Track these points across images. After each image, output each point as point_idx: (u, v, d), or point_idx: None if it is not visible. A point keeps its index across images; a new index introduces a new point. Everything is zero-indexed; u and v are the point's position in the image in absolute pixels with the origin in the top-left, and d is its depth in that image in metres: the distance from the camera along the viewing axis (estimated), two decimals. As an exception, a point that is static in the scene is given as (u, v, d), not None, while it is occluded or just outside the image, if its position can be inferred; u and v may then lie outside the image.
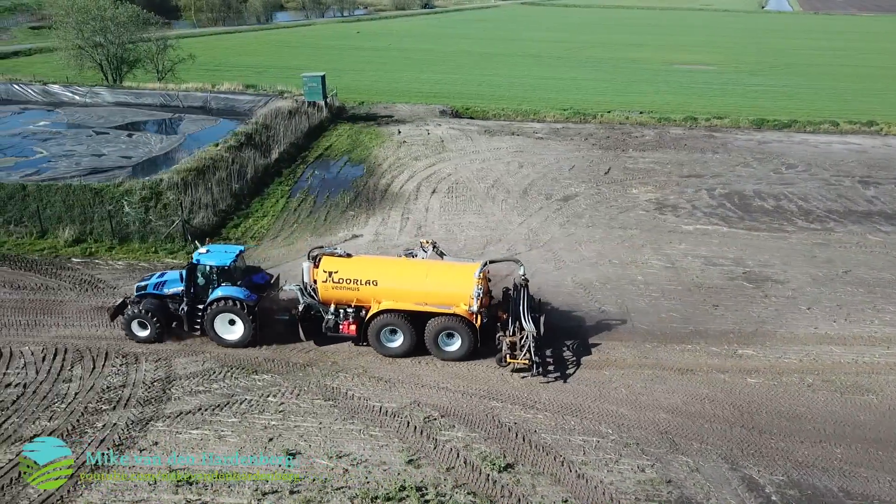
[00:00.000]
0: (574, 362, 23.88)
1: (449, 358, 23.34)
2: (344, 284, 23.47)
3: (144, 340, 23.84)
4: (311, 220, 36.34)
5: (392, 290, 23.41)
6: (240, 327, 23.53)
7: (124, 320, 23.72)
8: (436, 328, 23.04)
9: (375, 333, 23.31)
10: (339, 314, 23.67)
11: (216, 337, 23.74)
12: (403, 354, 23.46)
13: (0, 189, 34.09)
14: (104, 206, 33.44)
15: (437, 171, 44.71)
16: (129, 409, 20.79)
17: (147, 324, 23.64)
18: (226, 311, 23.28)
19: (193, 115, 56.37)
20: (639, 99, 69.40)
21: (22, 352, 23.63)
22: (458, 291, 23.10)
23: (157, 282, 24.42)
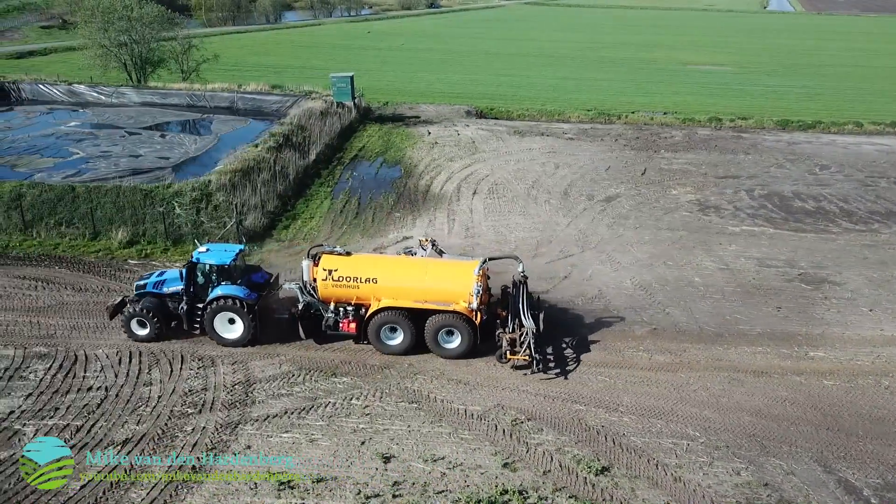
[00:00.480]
0: (647, 364, 23.85)
1: (448, 355, 23.36)
2: (344, 283, 23.54)
3: (143, 339, 23.81)
4: (359, 221, 36.26)
5: (392, 288, 23.47)
6: (239, 326, 23.50)
7: (123, 319, 23.66)
8: (435, 325, 23.06)
9: (375, 331, 23.35)
10: (338, 312, 23.65)
11: (216, 336, 23.69)
12: (403, 352, 23.50)
13: (49, 190, 33.83)
14: (155, 207, 33.21)
15: (474, 173, 44.67)
16: (215, 413, 20.70)
17: (146, 322, 23.60)
18: (225, 310, 23.27)
19: (222, 116, 56.23)
20: (660, 100, 69.47)
21: (97, 355, 23.53)
22: (458, 289, 23.20)
23: (156, 280, 24.37)
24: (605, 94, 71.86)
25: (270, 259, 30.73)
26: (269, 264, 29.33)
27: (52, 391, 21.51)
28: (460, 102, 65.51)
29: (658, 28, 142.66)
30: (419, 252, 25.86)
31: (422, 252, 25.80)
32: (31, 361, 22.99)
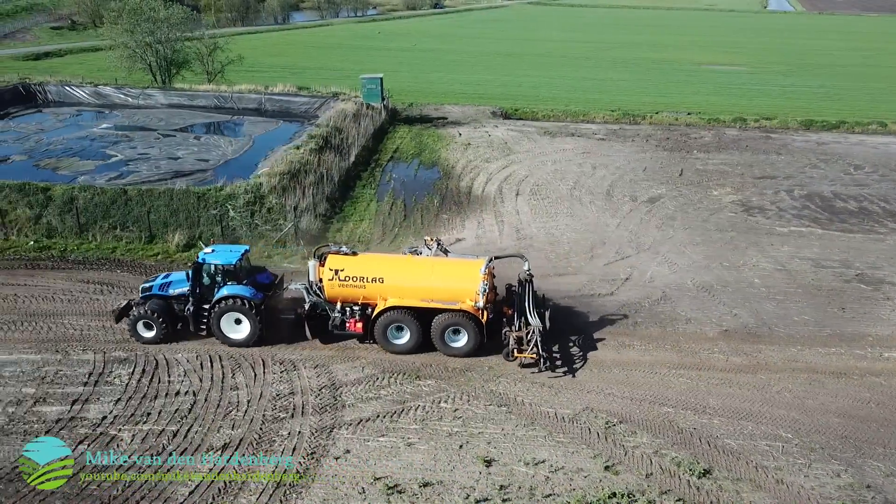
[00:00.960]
0: (725, 365, 23.96)
1: (455, 354, 23.42)
2: (350, 282, 23.61)
3: (149, 341, 23.75)
4: (409, 223, 36.27)
5: (398, 288, 23.52)
6: (246, 326, 23.50)
7: (130, 321, 23.60)
8: (442, 324, 23.13)
9: (382, 330, 23.39)
10: (345, 312, 23.68)
11: (222, 336, 23.71)
12: (409, 351, 23.56)
13: (102, 193, 33.73)
14: (208, 210, 33.13)
15: (512, 174, 44.72)
16: (307, 417, 20.70)
17: (153, 324, 23.59)
18: (232, 311, 23.29)
19: (251, 118, 56.19)
20: (681, 100, 69.65)
21: (177, 359, 23.47)
22: (464, 287, 23.28)
23: (161, 283, 24.35)
24: (625, 94, 71.94)
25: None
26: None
27: (140, 396, 21.42)
28: (482, 103, 65.63)
29: (663, 28, 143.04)
30: (424, 251, 25.97)
31: (427, 251, 25.92)
32: (112, 366, 22.86)
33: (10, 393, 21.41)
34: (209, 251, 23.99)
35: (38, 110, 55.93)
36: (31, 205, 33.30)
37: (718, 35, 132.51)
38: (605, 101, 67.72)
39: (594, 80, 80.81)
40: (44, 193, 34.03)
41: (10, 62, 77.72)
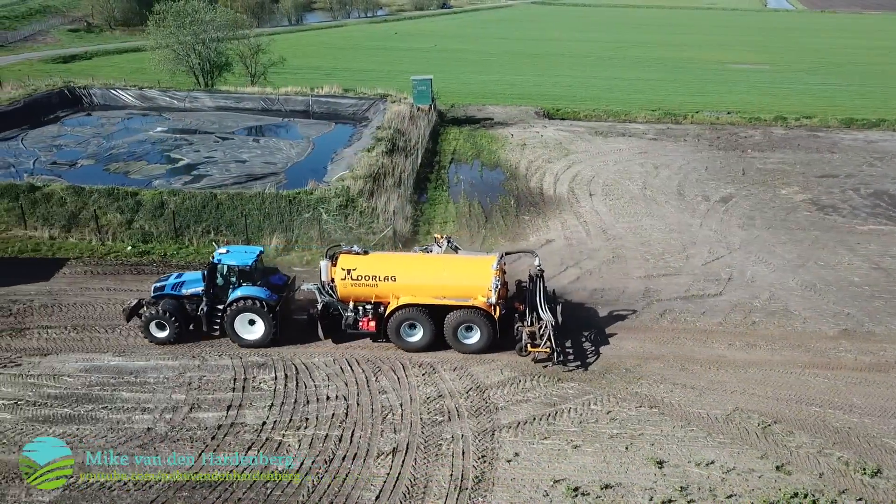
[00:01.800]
0: (854, 364, 24.20)
1: (468, 350, 23.56)
2: (363, 281, 23.68)
3: (162, 342, 23.73)
4: (492, 224, 36.40)
5: (411, 286, 23.60)
6: (260, 327, 23.57)
7: (143, 321, 23.55)
8: (455, 321, 23.25)
9: (395, 328, 23.50)
10: (357, 311, 23.77)
11: (236, 337, 23.78)
12: (423, 349, 23.70)
13: (192, 198, 33.63)
14: (301, 214, 33.10)
15: (578, 174, 44.86)
16: (465, 420, 20.76)
17: (166, 325, 23.56)
18: (247, 311, 23.31)
19: (302, 120, 56.21)
20: (717, 99, 70.01)
21: (315, 363, 23.45)
22: (476, 284, 23.44)
23: (174, 282, 24.35)
24: (659, 94, 72.33)
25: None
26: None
27: (292, 401, 21.43)
28: (522, 103, 65.88)
29: (672, 27, 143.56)
30: (435, 249, 26.18)
31: (437, 249, 26.11)
32: (253, 371, 22.81)
33: (162, 400, 21.34)
34: (224, 252, 24.08)
35: (87, 113, 55.68)
36: (121, 209, 33.14)
37: (730, 34, 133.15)
38: (642, 101, 67.98)
39: (625, 79, 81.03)
40: (133, 198, 33.79)
41: (40, 65, 77.26)
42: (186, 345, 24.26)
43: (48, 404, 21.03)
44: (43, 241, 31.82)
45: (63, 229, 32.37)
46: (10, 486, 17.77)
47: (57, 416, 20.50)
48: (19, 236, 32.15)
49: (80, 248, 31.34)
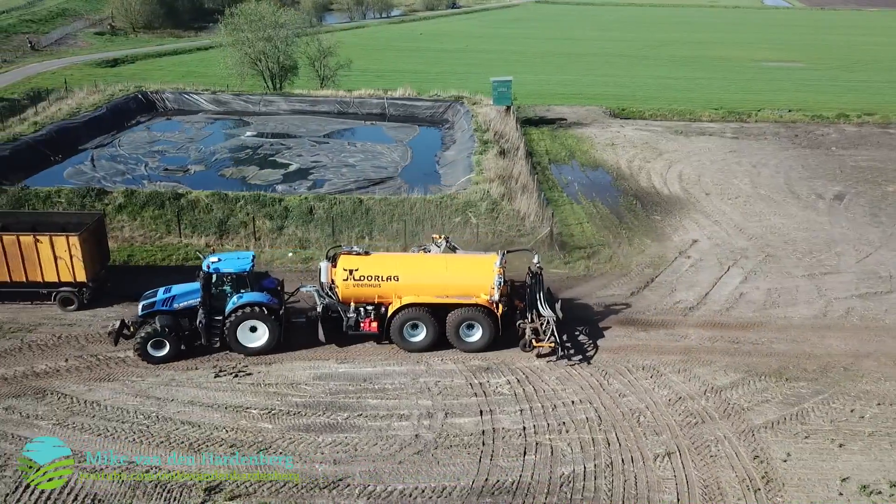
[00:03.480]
0: None
1: (470, 349, 23.76)
2: (365, 282, 23.60)
3: (161, 361, 22.69)
4: (628, 225, 36.70)
5: (413, 285, 23.63)
6: (263, 333, 23.11)
7: (138, 342, 22.34)
8: (457, 319, 23.38)
9: (398, 329, 23.43)
10: (359, 313, 23.60)
11: (239, 346, 23.17)
12: (425, 348, 23.70)
13: (339, 203, 33.62)
14: (450, 217, 33.17)
15: (682, 173, 45.27)
16: (718, 422, 21.00)
17: (165, 342, 22.53)
18: (251, 318, 22.80)
19: (383, 123, 56.36)
20: (771, 97, 70.81)
21: (538, 367, 23.51)
22: (479, 282, 23.68)
23: (164, 297, 23.26)
24: (711, 92, 73.04)
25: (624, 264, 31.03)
26: (626, 270, 29.89)
27: (539, 406, 21.53)
28: (583, 103, 66.05)
29: (685, 25, 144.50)
30: (433, 248, 26.30)
31: (436, 248, 26.23)
32: (482, 375, 22.91)
33: (412, 405, 21.38)
34: (216, 260, 23.23)
35: (167, 118, 55.27)
36: (270, 216, 33.00)
37: (746, 32, 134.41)
38: (699, 99, 68.51)
39: (671, 78, 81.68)
40: (279, 204, 33.70)
41: (89, 69, 76.64)
42: (395, 349, 23.99)
43: (301, 413, 20.99)
44: (200, 248, 31.51)
45: (216, 236, 31.95)
46: (313, 497, 17.69)
47: (317, 425, 20.47)
48: (175, 244, 31.94)
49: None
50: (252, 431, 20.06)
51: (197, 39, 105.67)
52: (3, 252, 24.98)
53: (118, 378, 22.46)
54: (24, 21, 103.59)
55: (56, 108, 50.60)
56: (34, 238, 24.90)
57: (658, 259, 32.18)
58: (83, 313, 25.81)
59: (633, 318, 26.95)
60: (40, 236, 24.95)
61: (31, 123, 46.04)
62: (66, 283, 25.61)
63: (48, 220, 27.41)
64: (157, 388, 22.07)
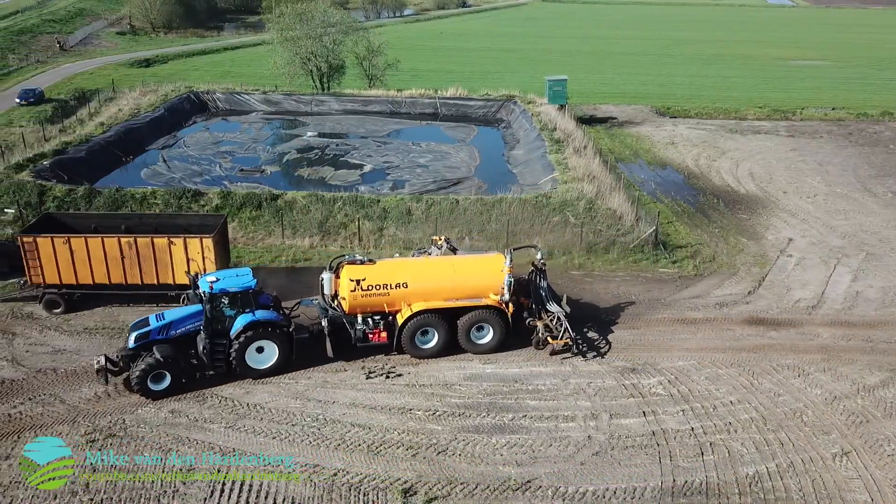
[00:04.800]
0: None
1: (481, 351, 23.38)
2: (374, 291, 22.70)
3: (162, 395, 20.67)
4: (717, 223, 36.72)
5: (423, 291, 23.00)
6: (272, 353, 21.65)
7: (137, 377, 20.31)
8: (469, 322, 22.98)
9: (410, 337, 22.75)
10: (367, 323, 22.72)
11: (247, 369, 21.55)
12: (436, 354, 23.16)
13: (436, 204, 33.52)
14: (548, 217, 33.14)
15: (752, 171, 45.40)
16: (881, 422, 20.95)
17: (166, 373, 20.54)
18: (261, 339, 21.34)
19: (437, 123, 56.16)
20: (810, 95, 71.25)
21: (684, 367, 23.54)
22: (488, 283, 23.41)
23: (159, 325, 21.12)
24: (748, 91, 73.29)
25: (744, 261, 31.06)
26: (734, 269, 30.50)
27: (699, 406, 21.52)
28: (627, 102, 66.02)
29: (697, 24, 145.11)
30: (434, 251, 25.74)
31: (436, 251, 25.65)
32: (630, 377, 22.92)
33: (572, 407, 21.39)
34: (213, 280, 21.24)
35: (223, 118, 55.00)
36: (369, 217, 32.87)
37: (759, 30, 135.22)
38: (740, 98, 68.76)
39: (703, 76, 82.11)
40: (377, 205, 33.58)
41: (125, 69, 76.48)
42: (544, 352, 23.95)
43: (465, 414, 20.94)
44: (304, 249, 31.38)
45: (319, 237, 31.83)
46: (507, 499, 17.66)
47: (486, 426, 20.42)
48: (278, 245, 31.76)
49: (345, 255, 30.65)
50: (424, 433, 19.94)
51: (222, 39, 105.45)
52: (136, 254, 24.63)
53: (271, 380, 22.22)
54: (47, 21, 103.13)
55: (116, 108, 50.32)
56: (168, 240, 24.66)
57: (760, 258, 32.17)
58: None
59: (759, 318, 26.91)
60: (174, 238, 24.72)
61: (98, 124, 45.67)
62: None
63: (171, 223, 27.17)
64: (312, 390, 21.90)
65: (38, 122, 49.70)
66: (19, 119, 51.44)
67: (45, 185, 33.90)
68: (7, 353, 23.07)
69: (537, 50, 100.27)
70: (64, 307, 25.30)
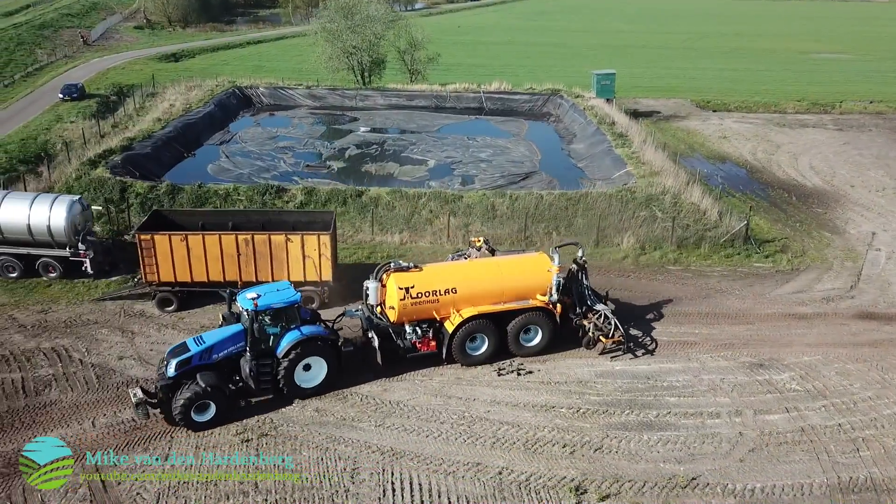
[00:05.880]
0: None
1: (529, 353, 22.77)
2: (423, 298, 21.69)
3: (206, 426, 19.02)
4: (796, 218, 36.65)
5: (471, 295, 22.12)
6: (320, 370, 20.40)
7: (180, 409, 18.56)
8: (518, 325, 22.31)
9: (461, 344, 21.82)
10: (416, 332, 21.77)
11: (297, 389, 20.24)
12: (485, 361, 22.35)
13: (519, 200, 33.35)
14: (635, 212, 33.04)
15: (813, 165, 45.46)
16: None
17: (210, 403, 18.90)
18: (311, 355, 20.03)
19: (487, 117, 55.82)
20: (842, 87, 71.00)
21: (810, 362, 23.49)
22: (534, 283, 22.80)
23: (200, 350, 19.25)
24: (783, 84, 73.30)
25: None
26: (827, 264, 30.63)
27: (839, 402, 21.49)
28: (659, 95, 65.83)
29: (708, 17, 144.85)
30: (473, 253, 24.86)
31: (475, 253, 24.78)
32: (758, 372, 22.84)
33: (712, 403, 21.39)
34: (254, 295, 19.49)
35: (270, 113, 54.63)
36: (454, 213, 32.68)
37: (772, 23, 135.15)
38: (776, 91, 68.66)
39: (732, 70, 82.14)
40: (459, 201, 33.44)
41: (154, 63, 75.90)
42: (668, 350, 23.83)
43: (609, 411, 20.83)
44: (395, 245, 31.19)
45: (409, 233, 31.66)
46: (678, 496, 17.53)
47: (634, 423, 20.33)
48: (368, 241, 31.51)
49: (436, 250, 30.58)
50: (574, 431, 19.83)
51: (242, 33, 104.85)
52: (252, 251, 24.35)
53: (405, 377, 22.08)
54: (64, 16, 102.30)
55: (167, 103, 49.89)
56: (285, 237, 24.38)
57: (849, 252, 32.20)
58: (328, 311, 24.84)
59: (869, 312, 26.95)
60: (291, 235, 24.49)
61: (155, 120, 45.22)
62: (310, 282, 25.10)
63: (278, 219, 26.93)
64: (449, 387, 21.76)
65: (85, 117, 49.14)
66: (67, 115, 50.86)
67: (126, 182, 33.47)
68: (132, 352, 22.75)
69: (556, 44, 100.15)
70: (176, 305, 24.92)
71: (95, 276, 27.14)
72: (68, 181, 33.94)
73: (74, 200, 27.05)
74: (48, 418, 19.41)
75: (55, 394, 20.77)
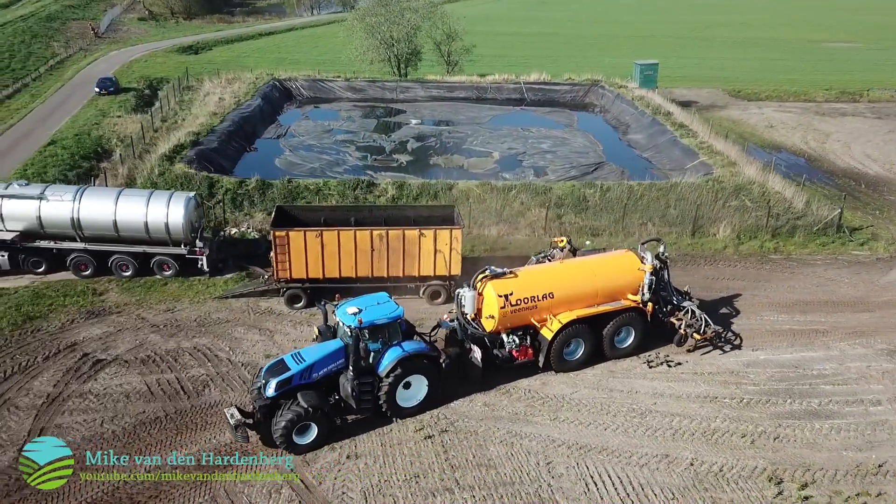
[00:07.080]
0: None
1: (622, 355, 22.46)
2: (522, 305, 21.02)
3: (307, 449, 18.05)
4: (873, 205, 37.01)
5: (566, 299, 21.59)
6: (421, 387, 19.37)
7: (282, 431, 17.62)
8: (614, 327, 21.93)
9: (559, 350, 21.27)
10: (514, 341, 21.16)
11: (397, 409, 19.19)
12: (580, 367, 21.88)
13: (609, 191, 33.47)
14: (726, 202, 33.26)
15: (865, 152, 46.37)
16: None
17: (312, 425, 17.95)
18: (414, 373, 19.08)
19: (531, 108, 55.80)
20: (864, 76, 71.73)
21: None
22: (625, 283, 22.51)
23: (300, 369, 18.19)
24: (804, 73, 73.53)
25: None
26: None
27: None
28: (691, 85, 66.10)
29: (709, 7, 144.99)
30: (556, 253, 24.42)
31: (559, 253, 24.33)
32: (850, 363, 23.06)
33: (867, 391, 21.67)
34: (355, 311, 18.49)
35: (314, 106, 54.20)
36: (544, 204, 32.68)
37: (775, 12, 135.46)
38: (801, 80, 69.08)
39: (748, 59, 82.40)
40: (548, 192, 33.43)
41: (175, 56, 74.86)
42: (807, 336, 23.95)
43: (772, 401, 21.09)
44: (493, 238, 31.12)
45: (505, 226, 31.62)
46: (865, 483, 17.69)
47: (800, 412, 20.53)
48: (465, 235, 31.23)
49: (534, 244, 30.26)
50: (745, 421, 19.98)
51: (251, 24, 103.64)
52: (386, 246, 24.15)
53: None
54: (68, 7, 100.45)
55: (216, 97, 49.12)
56: (419, 231, 24.21)
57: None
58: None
59: None
60: (425, 230, 24.32)
61: (211, 114, 44.59)
62: (438, 276, 24.99)
63: (400, 214, 26.76)
64: (605, 380, 21.87)
65: (126, 111, 48.41)
66: (109, 109, 49.98)
67: (213, 177, 33.01)
68: (276, 350, 22.47)
69: (571, 34, 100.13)
70: (305, 302, 24.67)
71: (210, 273, 26.64)
72: (150, 177, 33.32)
73: (190, 197, 26.65)
74: (220, 419, 18.97)
75: (216, 394, 20.43)
